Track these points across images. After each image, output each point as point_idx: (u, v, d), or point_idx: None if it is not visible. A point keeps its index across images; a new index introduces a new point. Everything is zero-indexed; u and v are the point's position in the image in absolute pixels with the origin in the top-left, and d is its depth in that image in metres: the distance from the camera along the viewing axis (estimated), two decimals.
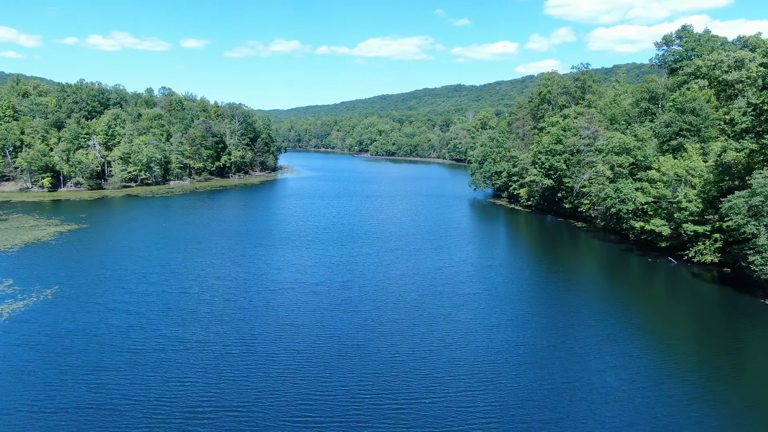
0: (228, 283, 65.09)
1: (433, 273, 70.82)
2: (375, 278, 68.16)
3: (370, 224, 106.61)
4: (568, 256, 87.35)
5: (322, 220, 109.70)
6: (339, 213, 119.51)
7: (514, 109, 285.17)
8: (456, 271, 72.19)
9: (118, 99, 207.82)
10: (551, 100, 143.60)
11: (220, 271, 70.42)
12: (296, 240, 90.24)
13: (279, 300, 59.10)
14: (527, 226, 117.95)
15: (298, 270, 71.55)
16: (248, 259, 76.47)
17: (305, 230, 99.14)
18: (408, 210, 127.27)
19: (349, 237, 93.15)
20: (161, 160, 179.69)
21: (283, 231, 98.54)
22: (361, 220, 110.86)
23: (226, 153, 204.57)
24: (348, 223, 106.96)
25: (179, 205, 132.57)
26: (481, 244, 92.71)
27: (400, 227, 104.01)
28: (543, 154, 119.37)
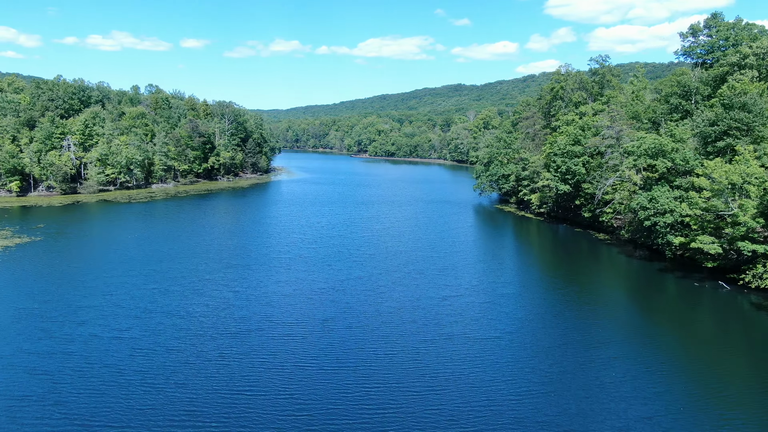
0: (179, 322, 50.79)
1: (438, 306, 56.53)
2: (365, 314, 53.82)
3: (364, 237, 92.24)
4: (596, 278, 72.98)
5: (309, 232, 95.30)
6: (330, 223, 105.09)
7: (519, 108, 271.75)
8: (466, 302, 57.85)
9: (100, 97, 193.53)
10: (564, 96, 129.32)
11: (173, 303, 56.11)
12: (275, 259, 75.89)
13: (239, 350, 44.83)
14: (541, 237, 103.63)
15: (270, 302, 57.22)
16: (212, 286, 62.17)
17: (288, 245, 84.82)
18: (407, 219, 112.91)
19: (338, 254, 78.82)
20: (143, 162, 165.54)
21: (262, 247, 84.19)
22: (354, 232, 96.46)
23: (214, 154, 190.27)
24: (339, 236, 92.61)
25: (154, 213, 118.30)
26: (492, 264, 78.36)
27: (399, 241, 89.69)
28: (558, 156, 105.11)
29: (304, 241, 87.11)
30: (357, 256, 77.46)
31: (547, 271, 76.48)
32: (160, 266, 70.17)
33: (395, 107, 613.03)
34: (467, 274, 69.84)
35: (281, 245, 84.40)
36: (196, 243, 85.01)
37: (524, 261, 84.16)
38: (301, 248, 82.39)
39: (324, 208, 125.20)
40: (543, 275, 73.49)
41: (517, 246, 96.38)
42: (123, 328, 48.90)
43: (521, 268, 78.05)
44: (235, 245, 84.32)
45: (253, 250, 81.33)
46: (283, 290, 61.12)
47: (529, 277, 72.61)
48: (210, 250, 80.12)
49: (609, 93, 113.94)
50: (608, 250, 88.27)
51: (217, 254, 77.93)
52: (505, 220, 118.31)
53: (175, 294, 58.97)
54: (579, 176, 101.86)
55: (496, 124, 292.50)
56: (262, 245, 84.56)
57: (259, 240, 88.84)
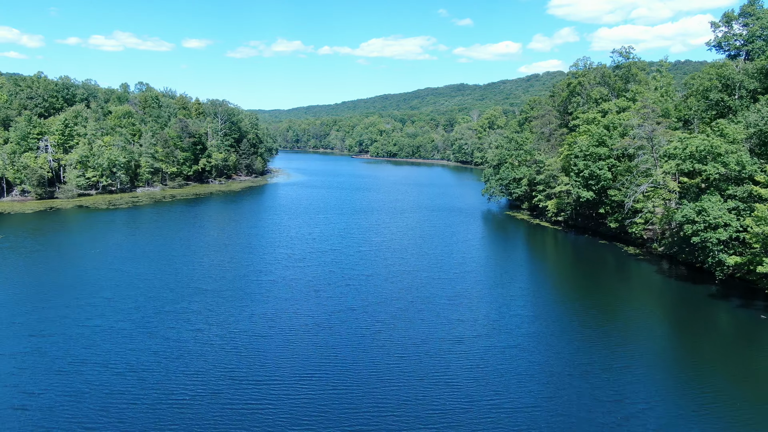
0: (111, 381, 38.21)
1: (451, 352, 43.97)
2: (357, 367, 41.29)
3: (361, 253, 79.61)
4: (629, 301, 60.11)
5: (297, 247, 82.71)
6: (322, 235, 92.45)
7: (525, 107, 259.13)
8: (485, 347, 45.26)
9: (86, 95, 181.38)
10: (582, 92, 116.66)
11: (113, 349, 43.57)
12: (253, 282, 63.35)
13: (186, 425, 32.39)
14: (562, 251, 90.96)
15: (236, 348, 44.59)
16: (169, 323, 49.65)
17: (271, 264, 72.31)
18: (410, 230, 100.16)
19: (328, 276, 66.22)
20: (128, 164, 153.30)
21: (241, 266, 71.59)
22: (350, 246, 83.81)
23: (206, 155, 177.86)
24: (331, 251, 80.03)
25: (129, 222, 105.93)
26: (511, 288, 65.65)
27: (401, 258, 77.07)
28: (580, 158, 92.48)
29: (290, 259, 74.52)
30: (351, 279, 64.86)
31: (573, 293, 63.71)
32: (113, 292, 57.72)
33: (397, 107, 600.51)
34: (483, 303, 57.21)
35: (263, 264, 71.83)
36: (166, 261, 72.54)
37: (547, 282, 71.46)
38: (286, 268, 69.81)
39: (318, 216, 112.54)
40: (569, 299, 60.72)
41: (536, 263, 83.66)
42: (34, 390, 36.48)
43: (544, 293, 65.31)
44: (210, 264, 71.71)
45: (229, 270, 68.76)
46: (256, 328, 48.57)
47: (555, 305, 59.83)
48: (180, 271, 67.61)
49: (635, 88, 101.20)
50: (639, 266, 75.78)
51: (187, 276, 65.44)
52: (519, 230, 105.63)
53: (120, 335, 46.47)
54: (604, 181, 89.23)
55: (502, 123, 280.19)
56: (241, 264, 71.96)
57: (238, 257, 76.25)
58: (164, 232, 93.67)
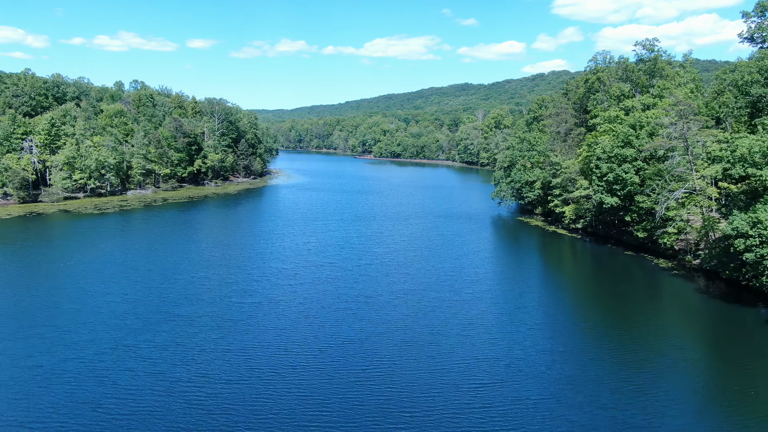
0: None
1: (467, 408, 34.90)
2: (350, 425, 32.31)
3: (361, 268, 70.41)
4: (666, 325, 50.91)
5: (290, 261, 73.56)
6: (319, 246, 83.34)
7: (533, 106, 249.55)
8: (512, 398, 36.16)
9: (77, 93, 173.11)
10: (601, 89, 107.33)
11: (32, 406, 34.76)
12: (234, 306, 54.39)
13: None
14: (584, 263, 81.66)
15: (193, 421, 35.67)
16: (124, 362, 40.70)
17: (257, 282, 63.33)
18: (416, 240, 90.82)
19: (322, 297, 57.14)
20: (118, 166, 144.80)
21: (221, 285, 62.50)
22: (349, 260, 74.60)
23: (201, 156, 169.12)
24: (328, 266, 70.96)
25: (110, 230, 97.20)
26: (533, 312, 56.50)
27: (406, 274, 67.86)
28: (604, 161, 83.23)
29: (280, 275, 65.48)
30: (349, 301, 55.86)
31: (605, 316, 54.50)
32: (69, 320, 48.82)
33: (401, 107, 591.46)
34: (503, 334, 48.04)
35: (249, 281, 62.84)
36: (139, 278, 63.65)
37: (573, 304, 62.18)
38: (275, 287, 60.82)
39: (316, 223, 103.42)
40: (604, 324, 51.48)
41: (557, 279, 74.40)
42: None
43: (572, 318, 56.09)
44: (187, 282, 62.66)
45: (209, 289, 59.80)
46: (231, 371, 39.57)
47: (590, 338, 50.60)
48: (153, 290, 58.72)
49: (661, 84, 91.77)
50: (672, 281, 66.61)
51: (160, 297, 56.56)
52: (533, 238, 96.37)
53: (61, 381, 37.56)
54: (631, 186, 79.94)
55: (509, 123, 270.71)
56: (224, 281, 63.01)
57: (222, 272, 67.24)
58: (143, 243, 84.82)
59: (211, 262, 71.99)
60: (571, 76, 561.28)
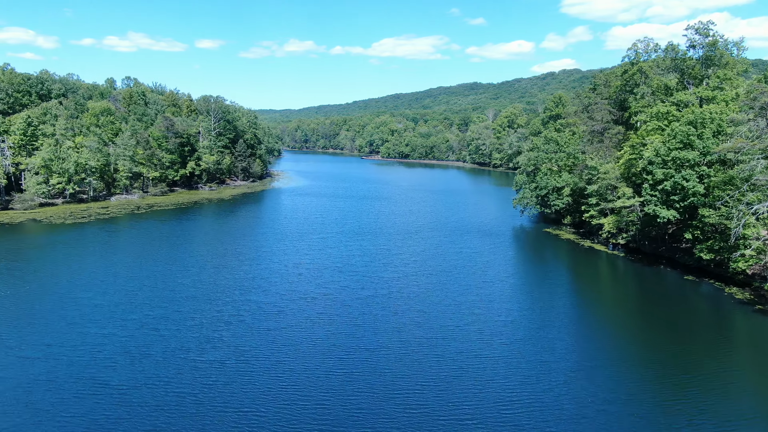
0: None
1: None
2: None
3: (362, 302, 55.32)
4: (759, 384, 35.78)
5: (271, 293, 58.41)
6: (312, 271, 68.21)
7: (550, 104, 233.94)
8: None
9: (63, 90, 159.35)
10: (642, 81, 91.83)
11: None
12: (175, 385, 39.62)
13: None
14: (634, 290, 65.84)
15: None
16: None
17: (219, 332, 48.49)
18: (429, 262, 75.01)
19: (307, 357, 42.21)
20: (103, 169, 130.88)
21: (168, 339, 47.84)
22: (347, 291, 59.45)
23: (194, 158, 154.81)
24: (321, 298, 56.04)
25: (73, 245, 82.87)
26: (595, 373, 41.33)
27: (419, 312, 52.72)
28: (658, 165, 67.85)
29: (259, 313, 50.59)
30: (343, 361, 40.91)
31: (663, 365, 39.31)
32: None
33: (409, 106, 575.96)
34: (546, 401, 33.07)
35: (217, 323, 48.03)
36: (74, 318, 49.11)
37: (625, 343, 46.88)
38: (248, 332, 46.01)
39: (312, 238, 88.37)
40: (662, 373, 36.34)
41: (606, 312, 59.02)
42: None
43: (626, 363, 40.84)
44: (138, 324, 47.95)
45: (161, 337, 45.12)
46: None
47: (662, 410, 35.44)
48: (87, 337, 44.15)
49: (721, 73, 76.14)
50: (755, 319, 51.32)
51: (94, 350, 41.93)
52: (567, 256, 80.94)
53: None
54: (694, 197, 64.51)
55: (522, 122, 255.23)
56: (183, 325, 48.22)
57: (184, 309, 52.42)
58: (99, 265, 70.06)
59: (175, 294, 57.16)
60: (582, 74, 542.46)
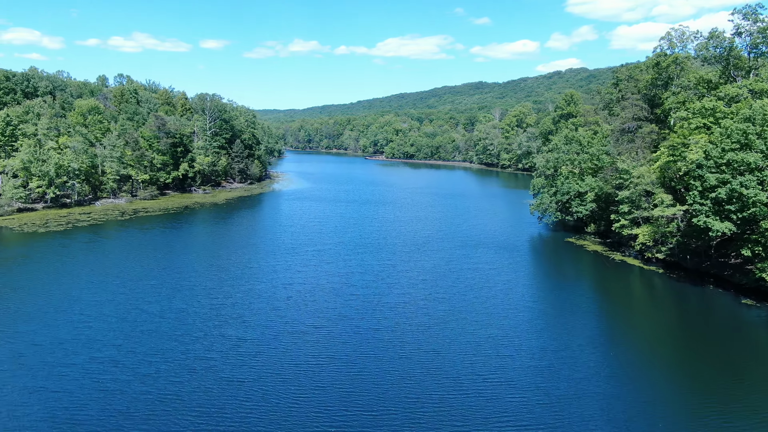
0: None
1: None
2: None
3: (358, 342, 44.97)
4: None
5: (250, 331, 48.23)
6: (299, 298, 57.36)
7: (561, 103, 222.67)
8: None
9: (50, 88, 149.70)
10: (677, 74, 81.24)
11: None
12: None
13: None
14: (689, 322, 54.93)
15: None
16: None
17: (168, 393, 38.50)
18: (440, 282, 64.30)
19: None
20: (88, 171, 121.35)
21: (92, 407, 37.87)
22: (340, 326, 48.85)
23: (188, 159, 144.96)
24: (301, 338, 45.80)
25: (26, 263, 73.02)
26: None
27: (431, 358, 42.26)
28: (710, 169, 57.34)
29: (233, 356, 40.22)
30: (339, 416, 30.78)
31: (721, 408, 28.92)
32: None
33: (414, 106, 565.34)
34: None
35: (179, 368, 37.88)
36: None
37: (679, 380, 36.50)
38: (218, 381, 35.81)
39: (307, 251, 77.86)
40: None
41: (654, 347, 48.52)
42: None
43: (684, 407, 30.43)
44: (78, 371, 37.86)
45: (103, 387, 35.02)
46: None
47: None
48: (6, 394, 34.13)
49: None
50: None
51: (11, 411, 31.94)
52: (597, 272, 70.35)
53: None
54: (756, 208, 53.98)
55: (531, 122, 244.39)
56: (134, 369, 38.12)
57: (139, 347, 42.35)
58: (53, 287, 59.94)
59: (134, 327, 46.87)
60: (590, 73, 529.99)
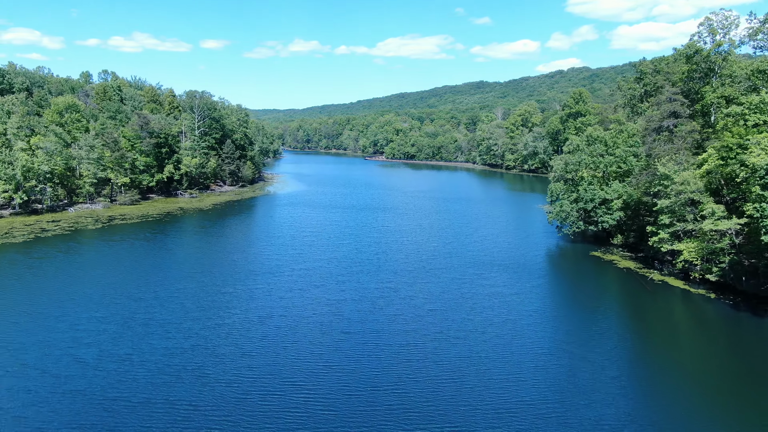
0: None
1: None
2: None
3: (346, 422, 34.13)
4: None
5: (204, 394, 37.52)
6: (271, 345, 46.58)
7: (570, 101, 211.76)
8: None
9: (27, 84, 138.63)
10: (719, 65, 70.16)
11: None
12: None
13: None
14: (760, 363, 43.83)
15: None
16: None
17: None
18: (449, 316, 53.42)
19: None
20: (63, 174, 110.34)
21: None
22: (319, 399, 37.91)
23: (173, 161, 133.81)
24: (266, 404, 34.73)
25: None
26: None
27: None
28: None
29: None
30: None
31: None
32: None
33: (414, 106, 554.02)
34: None
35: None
36: None
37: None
38: None
39: (293, 271, 66.65)
40: None
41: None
42: None
43: None
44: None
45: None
46: None
47: None
48: None
49: None
50: None
51: None
52: (635, 298, 59.03)
53: None
54: None
55: (537, 121, 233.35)
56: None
57: (54, 419, 31.34)
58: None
59: (56, 383, 35.90)
60: (592, 72, 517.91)
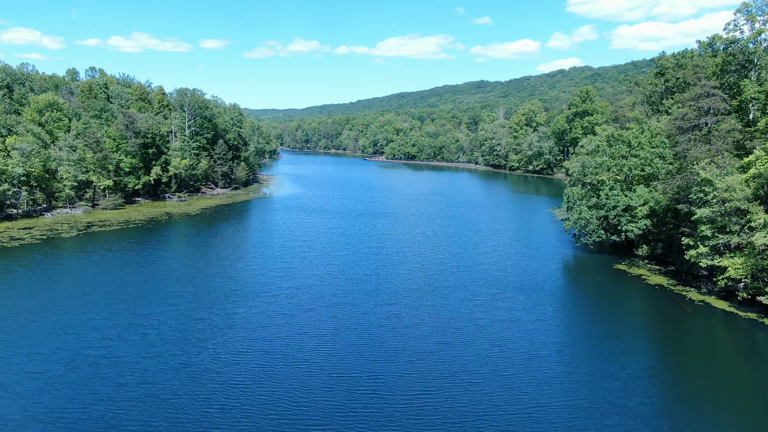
0: None
1: None
2: None
3: None
4: None
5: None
6: (241, 399, 38.36)
7: (576, 100, 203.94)
8: None
9: (7, 81, 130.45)
10: (757, 58, 61.98)
11: None
12: None
13: None
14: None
15: None
16: None
17: None
18: (462, 352, 45.12)
19: None
20: (39, 176, 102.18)
21: None
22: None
23: (161, 162, 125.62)
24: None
25: None
26: None
27: None
28: None
29: None
30: None
31: None
32: None
33: (414, 105, 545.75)
34: None
35: None
36: None
37: None
38: None
39: (278, 294, 58.07)
40: None
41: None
42: None
43: None
44: None
45: None
46: None
47: None
48: None
49: None
50: None
51: None
52: (674, 323, 50.78)
53: None
54: None
55: (541, 120, 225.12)
56: None
57: None
58: None
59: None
60: (594, 71, 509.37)
